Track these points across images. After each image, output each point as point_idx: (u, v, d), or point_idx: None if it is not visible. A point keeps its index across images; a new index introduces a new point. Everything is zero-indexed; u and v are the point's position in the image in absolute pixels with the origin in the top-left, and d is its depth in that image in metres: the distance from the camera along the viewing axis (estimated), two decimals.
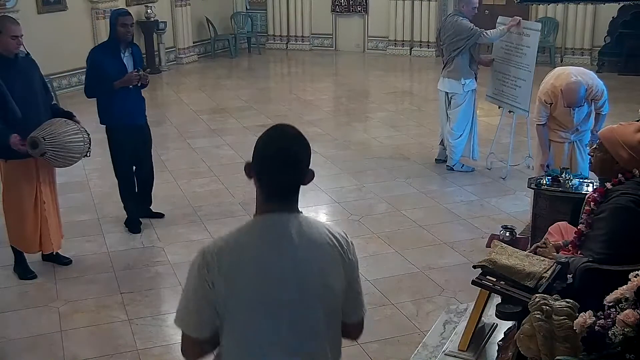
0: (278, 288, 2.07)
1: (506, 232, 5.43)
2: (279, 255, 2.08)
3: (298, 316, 2.09)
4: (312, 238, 2.12)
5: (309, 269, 2.09)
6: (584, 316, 2.62)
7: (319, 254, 2.12)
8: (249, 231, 2.13)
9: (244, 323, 2.07)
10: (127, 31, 5.45)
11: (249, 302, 2.06)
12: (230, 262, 2.06)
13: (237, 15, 15.36)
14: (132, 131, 5.70)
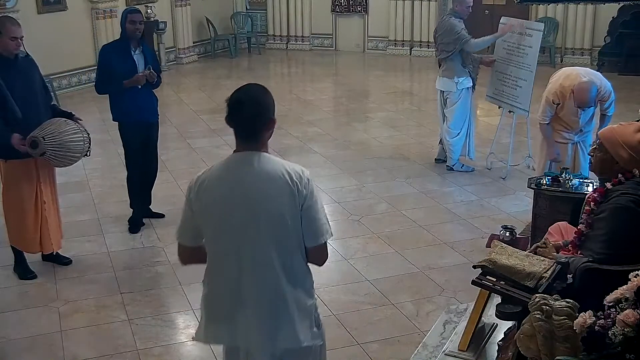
0: (233, 210, 2.59)
1: (506, 232, 5.42)
2: (236, 183, 2.60)
3: (249, 236, 2.59)
4: (268, 171, 2.60)
5: (260, 196, 2.58)
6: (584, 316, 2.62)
7: (272, 184, 2.58)
8: (221, 165, 2.69)
9: (211, 238, 2.68)
10: (135, 28, 5.50)
11: (212, 221, 2.63)
12: (204, 188, 2.64)
13: (237, 15, 15.36)
14: (143, 128, 5.74)
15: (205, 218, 2.65)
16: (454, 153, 7.30)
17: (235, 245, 2.62)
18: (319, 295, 4.78)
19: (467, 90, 7.22)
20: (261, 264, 2.62)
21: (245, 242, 2.61)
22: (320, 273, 5.13)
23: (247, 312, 2.66)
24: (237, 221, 2.59)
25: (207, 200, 2.63)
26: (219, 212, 2.62)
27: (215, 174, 2.66)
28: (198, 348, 4.24)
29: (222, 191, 2.62)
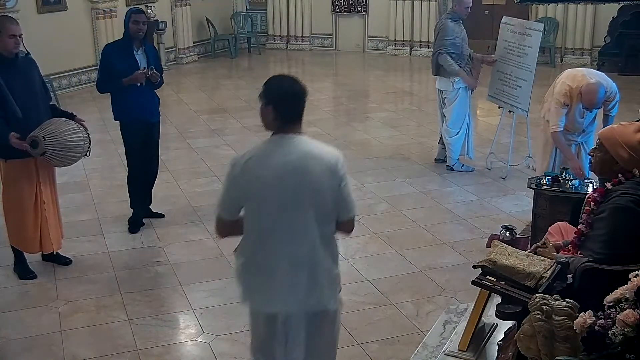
0: (279, 185, 2.87)
1: (506, 232, 5.42)
2: (283, 160, 2.87)
3: (293, 208, 2.88)
4: (311, 151, 2.92)
5: (304, 173, 2.87)
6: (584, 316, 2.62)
7: (314, 163, 2.90)
8: (267, 145, 2.97)
9: (254, 210, 2.92)
10: (138, 28, 5.52)
11: (258, 195, 2.89)
12: (250, 166, 2.90)
13: (237, 15, 15.36)
14: (144, 128, 5.74)
15: (251, 192, 2.91)
16: (453, 152, 7.31)
17: (279, 216, 2.90)
18: None
19: (465, 90, 7.22)
20: (302, 234, 2.92)
21: (289, 214, 2.90)
22: None
23: (285, 278, 2.94)
24: (282, 194, 2.88)
25: (254, 176, 2.90)
26: (266, 186, 2.88)
27: (261, 153, 2.95)
28: (198, 348, 4.24)
29: (269, 167, 2.88)
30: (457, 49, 7.10)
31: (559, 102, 5.39)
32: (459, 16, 7.20)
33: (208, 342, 4.27)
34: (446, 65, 7.06)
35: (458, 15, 7.20)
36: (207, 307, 4.68)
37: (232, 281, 4.96)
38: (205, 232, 5.88)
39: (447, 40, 7.07)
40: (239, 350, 4.17)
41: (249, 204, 2.94)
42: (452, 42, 7.06)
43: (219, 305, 4.70)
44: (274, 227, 2.92)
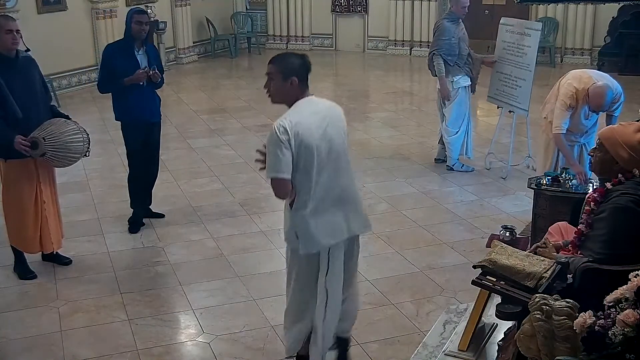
0: (323, 139, 3.42)
1: (506, 232, 5.42)
2: (320, 119, 3.45)
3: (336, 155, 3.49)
4: (330, 105, 3.61)
5: (337, 122, 3.56)
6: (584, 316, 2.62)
7: (336, 116, 3.59)
8: (301, 108, 3.44)
9: (308, 163, 3.38)
10: (141, 29, 5.52)
11: (311, 148, 3.36)
12: (297, 130, 3.33)
13: (237, 15, 15.36)
14: (146, 128, 5.74)
15: (302, 150, 3.36)
16: (452, 152, 7.31)
17: (327, 161, 3.46)
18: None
19: (464, 89, 7.23)
20: (344, 171, 3.56)
21: (334, 157, 3.49)
22: None
23: (337, 214, 3.52)
24: (326, 143, 3.44)
25: (302, 137, 3.35)
26: (313, 140, 3.38)
27: (300, 116, 3.40)
28: (198, 348, 4.24)
29: (311, 126, 3.40)
30: (453, 50, 7.10)
31: (565, 103, 5.32)
32: (456, 16, 7.21)
33: (208, 342, 4.27)
34: (436, 66, 7.11)
35: (456, 16, 7.20)
36: (207, 307, 4.68)
37: (232, 281, 5.00)
38: (205, 232, 5.88)
39: (441, 40, 7.11)
40: (239, 350, 4.18)
41: (302, 159, 3.38)
42: (447, 43, 7.08)
43: (219, 305, 4.70)
44: (324, 173, 3.46)
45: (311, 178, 3.42)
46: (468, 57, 7.22)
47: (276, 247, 5.57)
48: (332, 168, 3.49)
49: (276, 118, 3.40)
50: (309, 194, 3.44)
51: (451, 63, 7.14)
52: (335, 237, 3.53)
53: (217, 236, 5.79)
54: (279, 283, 4.99)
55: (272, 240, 5.69)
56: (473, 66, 7.28)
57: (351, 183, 3.63)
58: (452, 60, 7.12)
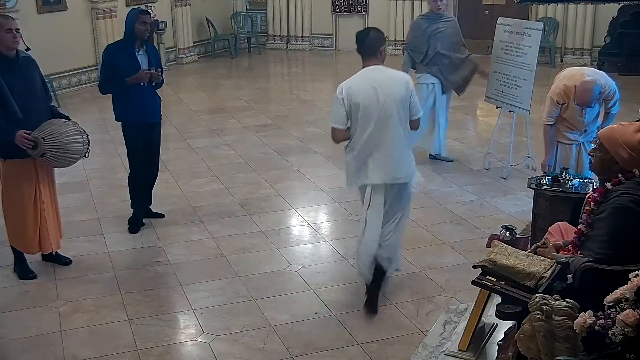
0: (374, 98, 4.31)
1: (506, 232, 5.42)
2: (374, 82, 4.34)
3: (385, 112, 4.31)
4: (391, 75, 4.43)
5: (389, 89, 4.34)
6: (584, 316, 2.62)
7: (394, 83, 4.39)
8: (358, 75, 4.45)
9: (359, 118, 4.33)
10: (145, 29, 5.53)
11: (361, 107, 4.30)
12: (352, 90, 4.36)
13: (237, 15, 15.36)
14: (146, 129, 5.74)
15: (355, 107, 4.32)
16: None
17: (377, 120, 4.31)
18: (318, 295, 4.79)
19: (426, 87, 7.35)
20: (391, 131, 4.35)
21: (382, 118, 4.31)
22: (320, 273, 5.16)
23: (381, 161, 4.37)
24: (377, 104, 4.30)
25: (356, 96, 4.32)
26: (366, 100, 4.30)
27: (357, 80, 4.40)
28: (198, 348, 4.24)
29: (365, 88, 4.34)
30: (420, 46, 7.29)
31: (552, 100, 5.45)
32: (426, 16, 7.40)
33: (208, 342, 4.27)
34: (403, 60, 7.45)
35: (426, 15, 7.40)
36: (207, 307, 4.68)
37: (232, 281, 5.00)
38: (205, 232, 5.88)
39: (410, 36, 7.38)
40: (239, 350, 4.18)
41: (355, 115, 4.33)
42: (415, 38, 7.30)
43: (219, 305, 4.70)
44: (373, 129, 4.32)
45: (358, 129, 4.36)
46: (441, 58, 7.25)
47: (276, 247, 5.57)
48: (377, 125, 4.31)
49: (276, 118, 3.44)
50: (356, 141, 4.39)
51: (417, 59, 7.31)
52: (369, 179, 4.42)
53: (217, 236, 5.79)
54: (279, 283, 5.00)
55: (272, 240, 5.69)
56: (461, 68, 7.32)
57: (396, 141, 4.37)
58: (418, 57, 7.29)
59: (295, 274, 5.13)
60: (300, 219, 6.18)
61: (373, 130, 4.32)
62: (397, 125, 4.34)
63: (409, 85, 4.40)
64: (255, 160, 7.83)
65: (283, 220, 6.19)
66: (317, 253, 5.53)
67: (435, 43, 7.23)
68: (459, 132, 8.91)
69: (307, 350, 4.16)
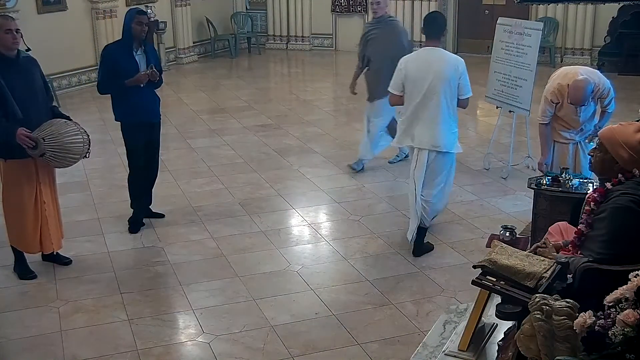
0: (424, 73, 5.09)
1: (506, 232, 5.42)
2: (426, 60, 5.14)
3: (432, 86, 5.06)
4: (443, 57, 5.17)
5: (439, 67, 5.09)
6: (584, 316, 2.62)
7: (445, 62, 5.12)
8: (419, 52, 5.33)
9: (411, 88, 5.16)
10: (142, 29, 5.53)
11: (412, 79, 5.13)
12: (408, 64, 5.20)
13: (237, 15, 15.36)
14: (146, 129, 5.74)
15: (409, 79, 5.16)
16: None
17: (425, 93, 5.09)
18: (319, 295, 4.80)
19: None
20: (436, 102, 5.09)
21: (429, 92, 5.07)
22: (320, 273, 5.16)
23: (425, 127, 5.15)
24: (425, 82, 5.07)
25: (411, 69, 5.16)
26: (417, 75, 5.12)
27: (415, 56, 5.29)
28: (198, 348, 4.24)
29: (419, 64, 5.16)
30: (360, 50, 7.29)
31: (547, 99, 5.47)
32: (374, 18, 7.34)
33: (208, 342, 4.27)
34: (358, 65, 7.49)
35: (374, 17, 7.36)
36: (207, 307, 4.68)
37: (232, 281, 5.00)
38: (205, 232, 5.88)
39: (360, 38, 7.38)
40: (239, 350, 4.18)
41: (408, 85, 5.17)
42: (359, 44, 7.32)
43: (219, 305, 4.70)
44: (420, 100, 5.11)
45: (408, 98, 5.20)
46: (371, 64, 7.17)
47: (276, 247, 5.57)
48: (424, 97, 5.09)
49: (276, 118, 3.43)
50: (406, 108, 5.25)
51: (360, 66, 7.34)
52: (413, 142, 5.24)
53: (217, 236, 5.79)
54: (279, 283, 5.00)
55: (272, 240, 5.70)
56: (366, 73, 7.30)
57: (439, 114, 5.09)
58: (361, 63, 7.32)
59: (295, 274, 5.13)
60: (300, 219, 6.19)
61: (420, 102, 5.11)
62: (441, 100, 5.07)
63: (458, 68, 5.10)
64: (255, 160, 7.83)
65: (283, 220, 6.19)
66: (317, 253, 5.53)
67: (368, 48, 7.14)
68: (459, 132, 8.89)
69: (307, 350, 4.16)
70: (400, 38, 7.10)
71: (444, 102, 5.08)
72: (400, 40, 7.05)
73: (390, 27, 7.19)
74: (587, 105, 5.42)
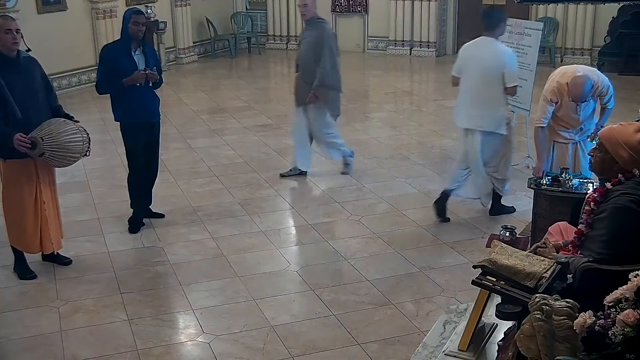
0: (473, 61, 5.70)
1: (506, 232, 5.41)
2: (477, 49, 5.73)
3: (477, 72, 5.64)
4: (492, 47, 5.64)
5: (486, 55, 5.63)
6: (584, 316, 2.62)
7: (492, 53, 5.62)
8: (475, 40, 5.82)
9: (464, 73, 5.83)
10: (139, 29, 5.53)
11: (465, 65, 5.81)
12: (462, 52, 5.92)
13: (237, 15, 15.36)
14: (145, 129, 5.74)
15: (463, 64, 5.81)
16: None
17: (473, 77, 5.69)
18: (318, 295, 4.79)
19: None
20: (480, 87, 5.65)
21: (475, 77, 5.67)
22: (320, 273, 5.16)
23: (470, 108, 5.74)
24: (473, 66, 5.69)
25: (464, 57, 5.82)
26: (468, 61, 5.76)
27: (470, 44, 5.85)
28: (198, 348, 4.24)
29: (472, 52, 5.76)
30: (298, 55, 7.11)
31: (546, 98, 5.46)
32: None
33: (208, 342, 4.27)
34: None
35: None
36: (207, 307, 4.68)
37: (232, 281, 5.00)
38: (205, 232, 5.88)
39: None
40: (239, 350, 4.18)
41: (462, 70, 5.80)
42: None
43: (219, 305, 4.70)
44: (468, 82, 5.74)
45: (462, 81, 5.81)
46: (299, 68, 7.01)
47: (276, 247, 5.57)
48: (471, 82, 5.70)
49: (276, 118, 3.44)
50: (459, 90, 5.88)
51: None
52: (460, 122, 5.91)
53: (217, 236, 5.79)
54: (279, 283, 5.01)
55: (272, 241, 5.70)
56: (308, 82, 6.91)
57: (481, 97, 5.66)
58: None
59: (295, 274, 5.13)
60: (300, 219, 6.18)
61: (468, 85, 5.73)
62: (485, 86, 5.62)
63: (505, 59, 5.59)
64: (255, 160, 7.83)
65: (283, 220, 6.19)
66: (317, 253, 5.53)
67: (300, 53, 7.02)
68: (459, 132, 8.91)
69: (307, 350, 4.16)
70: (321, 40, 6.91)
71: (487, 87, 5.60)
72: (321, 43, 6.88)
73: (318, 29, 7.06)
74: (587, 102, 5.43)
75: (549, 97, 5.44)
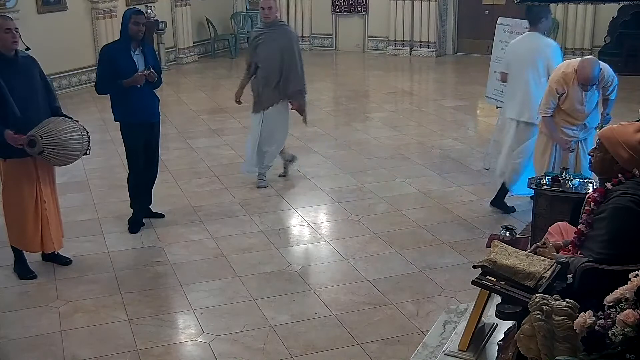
0: (515, 53, 6.01)
1: (506, 232, 5.42)
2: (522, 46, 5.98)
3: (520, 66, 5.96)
4: (534, 41, 5.89)
5: (527, 49, 5.90)
6: (584, 316, 2.62)
7: (532, 49, 5.86)
8: (521, 35, 6.20)
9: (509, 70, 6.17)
10: (139, 29, 5.52)
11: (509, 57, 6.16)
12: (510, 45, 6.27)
13: (237, 15, 15.36)
14: (145, 129, 5.74)
15: (509, 58, 6.12)
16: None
17: (514, 69, 6.03)
18: (319, 295, 4.80)
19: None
20: (523, 78, 5.91)
21: (517, 68, 5.97)
22: (320, 273, 5.16)
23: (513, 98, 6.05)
24: (517, 59, 5.98)
25: (511, 51, 6.10)
26: (512, 55, 6.07)
27: (517, 39, 6.17)
28: (198, 348, 4.24)
29: (517, 47, 6.01)
30: (248, 57, 7.01)
31: (552, 89, 5.45)
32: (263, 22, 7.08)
33: (208, 342, 4.27)
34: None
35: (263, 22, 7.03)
36: (207, 307, 4.68)
37: (232, 281, 5.00)
38: (205, 232, 5.88)
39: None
40: (239, 350, 4.18)
41: (509, 64, 6.12)
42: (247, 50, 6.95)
43: (219, 305, 4.70)
44: (512, 74, 6.06)
45: (509, 75, 6.11)
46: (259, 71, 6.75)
47: (276, 247, 5.57)
48: (515, 73, 5.99)
49: None
50: (507, 82, 6.22)
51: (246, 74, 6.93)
52: (506, 112, 6.26)
53: (217, 236, 5.79)
54: (279, 283, 5.00)
55: (272, 241, 5.69)
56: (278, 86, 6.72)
57: (523, 87, 5.89)
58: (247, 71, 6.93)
59: (295, 274, 5.13)
60: (300, 219, 6.18)
61: (514, 76, 6.04)
62: (529, 78, 5.86)
63: (546, 52, 5.83)
64: None
65: (283, 220, 6.20)
66: (317, 253, 5.53)
67: (259, 55, 6.78)
68: (459, 132, 8.92)
69: (307, 350, 4.16)
70: (291, 43, 6.82)
71: (531, 79, 5.84)
72: (290, 46, 6.78)
73: (281, 31, 6.95)
74: (592, 92, 5.41)
75: (554, 87, 5.41)
